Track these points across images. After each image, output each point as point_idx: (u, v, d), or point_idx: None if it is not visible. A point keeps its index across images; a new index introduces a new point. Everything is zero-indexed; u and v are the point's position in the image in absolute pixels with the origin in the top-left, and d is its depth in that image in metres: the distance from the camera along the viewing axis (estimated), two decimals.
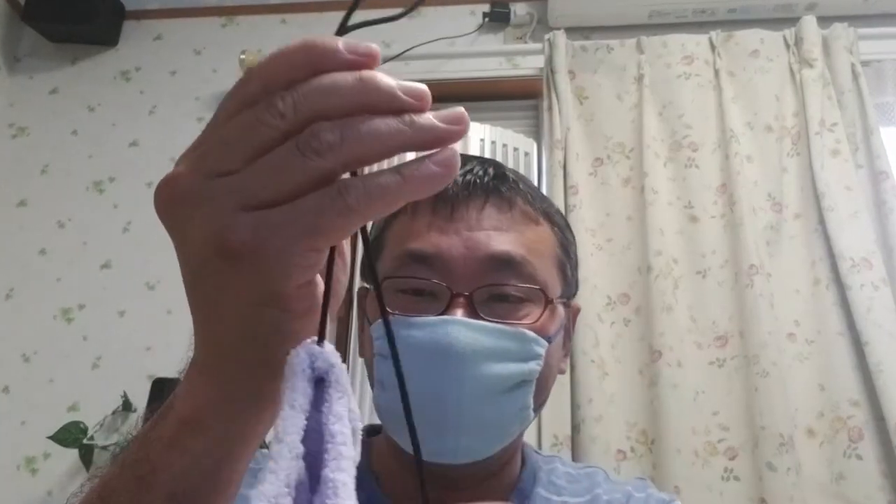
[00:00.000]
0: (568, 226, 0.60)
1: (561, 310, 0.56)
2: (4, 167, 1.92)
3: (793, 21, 1.67)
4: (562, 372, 0.58)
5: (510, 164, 1.62)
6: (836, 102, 1.56)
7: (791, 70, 1.61)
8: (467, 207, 0.53)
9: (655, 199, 1.49)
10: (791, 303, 1.41)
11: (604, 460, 1.29)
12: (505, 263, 0.52)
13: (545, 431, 1.32)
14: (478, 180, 0.54)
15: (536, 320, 0.52)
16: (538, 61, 1.75)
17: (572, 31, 1.80)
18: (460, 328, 0.49)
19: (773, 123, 1.57)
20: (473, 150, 1.56)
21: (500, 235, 0.52)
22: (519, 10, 1.90)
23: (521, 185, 0.56)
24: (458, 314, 0.50)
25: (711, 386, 1.36)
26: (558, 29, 1.76)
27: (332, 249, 0.28)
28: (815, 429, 1.32)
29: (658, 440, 1.31)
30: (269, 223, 0.25)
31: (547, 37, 1.72)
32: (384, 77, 0.26)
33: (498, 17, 1.90)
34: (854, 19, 1.68)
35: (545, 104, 1.65)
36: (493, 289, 0.51)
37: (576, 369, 1.36)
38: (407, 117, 0.26)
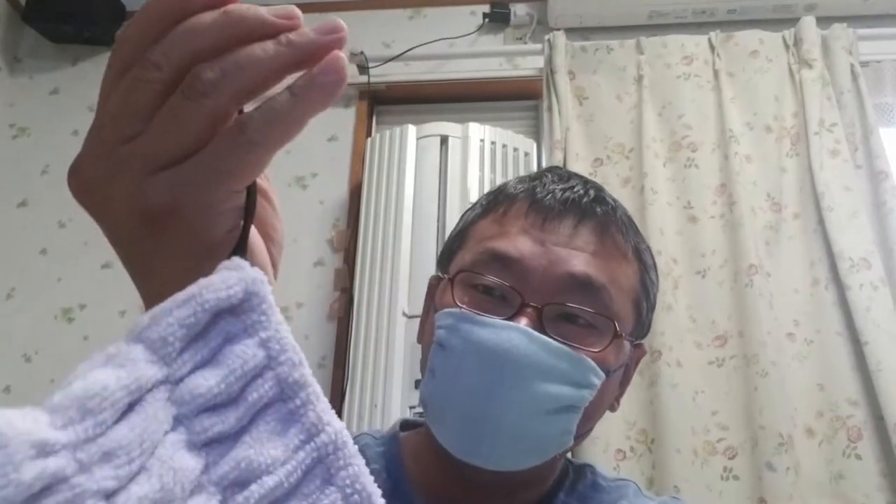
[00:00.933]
0: (654, 266, 0.59)
1: (627, 347, 0.54)
2: (5, 167, 1.92)
3: (792, 22, 1.67)
4: (612, 410, 0.57)
5: (510, 165, 1.63)
6: (835, 103, 1.56)
7: (790, 70, 1.62)
8: (560, 222, 0.52)
9: (655, 199, 1.49)
10: (790, 303, 1.42)
11: (603, 460, 1.29)
12: (583, 286, 0.50)
13: None
14: (576, 198, 0.53)
15: (600, 350, 0.50)
16: (538, 62, 1.76)
17: (572, 32, 1.80)
18: (523, 337, 0.48)
19: (772, 124, 1.57)
20: (473, 151, 1.56)
21: (584, 257, 0.51)
22: (519, 11, 1.91)
23: (618, 213, 0.55)
24: (524, 323, 0.49)
25: (711, 385, 1.36)
26: (558, 29, 1.76)
27: (251, 188, 0.28)
28: (814, 428, 1.32)
29: (658, 440, 1.31)
30: (182, 179, 0.25)
31: (547, 37, 1.73)
32: (249, 6, 0.25)
33: (498, 18, 1.90)
34: (853, 20, 1.69)
35: (545, 104, 1.65)
36: (565, 308, 0.50)
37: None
38: (283, 38, 0.25)
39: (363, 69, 1.80)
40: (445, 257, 0.58)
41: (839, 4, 1.74)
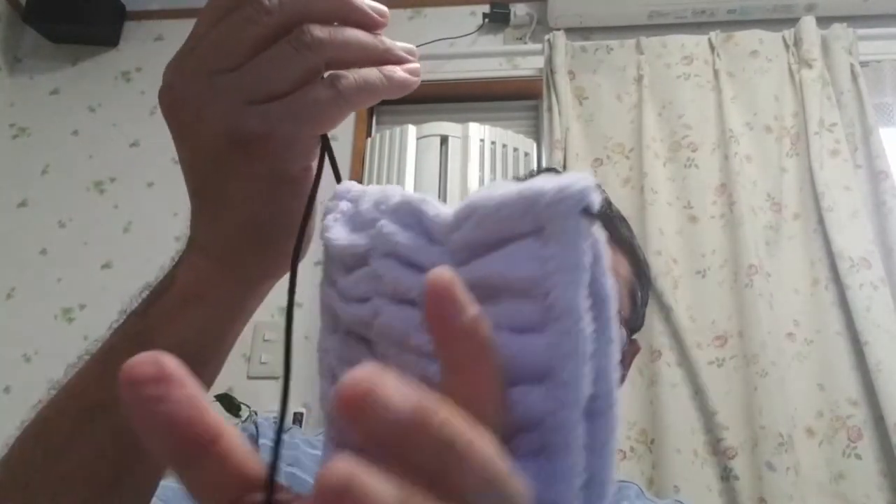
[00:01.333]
0: (647, 263, 0.62)
1: (624, 336, 0.56)
2: (5, 167, 1.93)
3: (792, 22, 1.67)
4: None
5: (510, 165, 1.63)
6: (835, 103, 1.56)
7: (790, 70, 1.62)
8: None
9: (655, 199, 1.49)
10: (790, 302, 1.42)
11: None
12: None
13: None
14: None
15: None
16: (538, 62, 1.76)
17: (572, 32, 1.81)
18: None
19: (772, 124, 1.57)
20: (473, 151, 1.56)
21: None
22: (519, 11, 1.91)
23: (612, 208, 0.60)
24: None
25: (711, 385, 1.36)
26: (558, 29, 1.76)
27: (325, 137, 0.32)
28: (814, 428, 1.32)
29: (658, 440, 1.31)
30: (277, 114, 0.28)
31: (547, 37, 1.73)
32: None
33: (498, 18, 1.90)
34: (853, 20, 1.69)
35: (545, 104, 1.66)
36: None
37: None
38: (380, 38, 0.30)
39: None
40: None
41: (839, 4, 1.74)
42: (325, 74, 0.29)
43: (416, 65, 0.31)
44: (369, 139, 1.70)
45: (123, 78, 2.01)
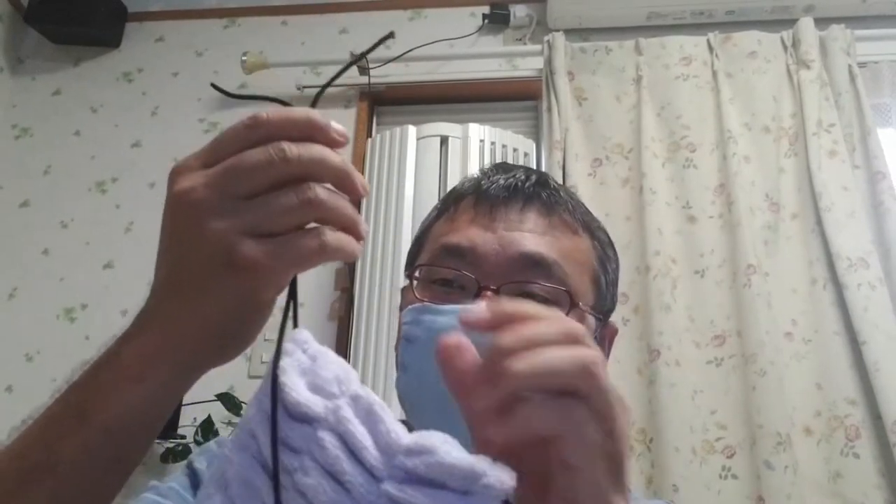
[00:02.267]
0: (610, 243, 0.61)
1: (591, 320, 0.55)
2: (8, 168, 1.93)
3: (790, 23, 1.68)
4: None
5: None
6: (833, 103, 1.57)
7: (788, 71, 1.62)
8: (507, 208, 0.55)
9: (654, 199, 1.50)
10: (788, 302, 1.42)
11: None
12: (536, 263, 0.52)
13: None
14: (520, 184, 0.56)
15: (566, 291, 0.53)
16: (537, 63, 1.76)
17: (571, 33, 1.81)
18: None
19: (770, 124, 1.58)
20: (473, 151, 1.57)
21: (535, 237, 0.54)
22: (518, 12, 1.91)
23: (562, 194, 0.58)
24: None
25: (709, 385, 1.37)
26: (557, 30, 1.77)
27: (294, 277, 0.36)
28: (812, 427, 1.33)
29: (656, 439, 1.32)
30: (271, 250, 0.33)
31: (546, 38, 1.73)
32: (355, 171, 0.35)
33: (497, 19, 1.91)
34: (851, 21, 1.69)
35: (544, 105, 1.66)
36: (521, 286, 0.52)
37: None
38: (356, 210, 0.35)
39: (363, 70, 1.80)
40: (409, 264, 0.61)
41: (837, 5, 1.74)
42: (310, 225, 0.34)
43: (360, 247, 0.35)
44: (370, 140, 1.70)
45: (125, 78, 2.02)
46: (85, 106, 1.99)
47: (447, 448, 0.29)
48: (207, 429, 1.47)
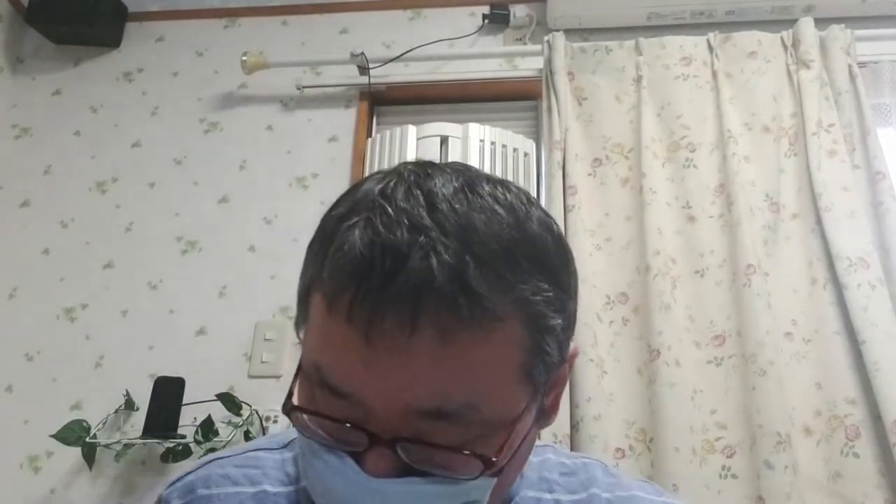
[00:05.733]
0: (566, 285, 0.44)
1: (526, 418, 0.44)
2: (8, 168, 1.93)
3: (790, 23, 1.68)
4: (547, 426, 0.49)
5: (510, 165, 1.64)
6: (833, 103, 1.57)
7: (788, 71, 1.63)
8: (388, 321, 0.38)
9: (654, 199, 1.50)
10: (788, 302, 1.42)
11: (602, 458, 1.29)
12: (433, 416, 0.40)
13: (544, 430, 1.33)
14: (412, 272, 0.38)
15: (476, 475, 0.41)
16: (537, 62, 1.77)
17: (571, 33, 1.81)
18: (378, 499, 0.41)
19: (770, 124, 1.58)
20: (473, 151, 1.57)
21: (429, 376, 0.39)
22: (518, 12, 1.92)
23: (483, 258, 0.39)
24: (381, 468, 0.41)
25: (709, 384, 1.37)
26: (557, 30, 1.77)
27: None
28: (812, 427, 1.33)
29: (656, 438, 1.32)
30: None
31: (546, 38, 1.73)
32: None
33: (497, 19, 1.91)
34: (851, 21, 1.70)
35: (544, 105, 1.66)
36: (420, 439, 0.40)
37: (574, 368, 1.36)
38: None
39: (363, 70, 1.81)
40: (300, 306, 0.46)
41: (837, 5, 1.74)
42: None
43: None
44: (370, 139, 1.71)
45: (125, 78, 2.02)
46: (85, 106, 1.99)
47: None
48: (207, 429, 1.47)
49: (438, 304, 0.38)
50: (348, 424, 0.41)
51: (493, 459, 0.41)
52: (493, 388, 0.41)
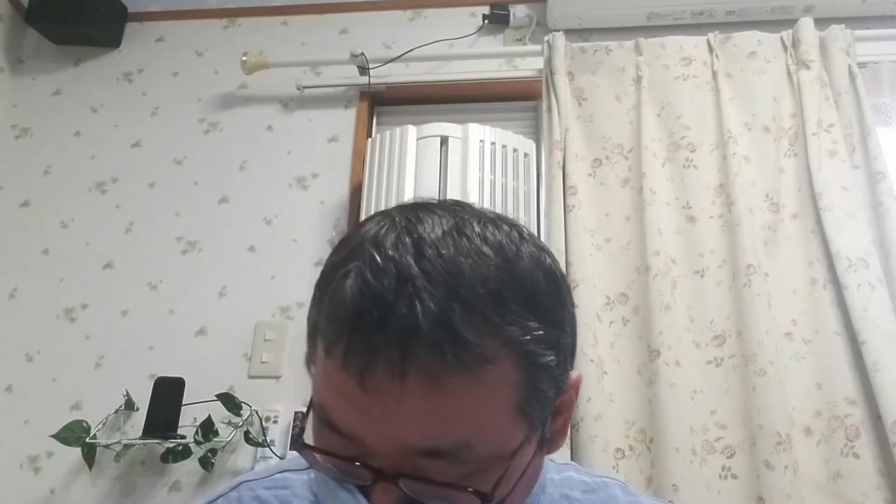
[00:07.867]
0: (549, 320, 0.44)
1: (526, 451, 0.46)
2: (8, 168, 1.94)
3: (790, 23, 1.68)
4: (554, 451, 0.50)
5: (510, 165, 1.64)
6: (833, 103, 1.57)
7: (788, 71, 1.63)
8: (380, 372, 0.40)
9: (654, 199, 1.50)
10: (788, 302, 1.42)
11: (602, 459, 1.30)
12: (431, 454, 0.41)
13: None
14: (399, 320, 0.39)
15: (475, 492, 0.42)
16: (537, 63, 1.77)
17: (571, 33, 1.81)
18: None
19: (770, 124, 1.58)
20: (473, 151, 1.56)
21: (420, 420, 0.40)
22: (518, 12, 1.92)
23: (470, 302, 0.40)
24: (386, 501, 0.42)
25: (709, 385, 1.37)
26: (557, 31, 1.77)
27: None
28: (812, 427, 1.33)
29: (656, 439, 1.32)
30: None
31: (546, 38, 1.73)
32: None
33: (497, 19, 1.91)
34: (851, 21, 1.70)
35: (544, 105, 1.66)
36: (420, 475, 0.42)
37: (574, 368, 1.36)
38: None
39: (363, 70, 1.81)
40: (308, 344, 0.48)
41: (837, 5, 1.75)
42: None
43: None
44: (369, 140, 1.70)
45: (125, 79, 2.02)
46: (85, 106, 1.99)
47: None
48: (207, 429, 1.47)
49: (425, 351, 0.39)
50: (357, 463, 0.42)
51: (490, 494, 0.42)
52: (486, 427, 0.42)
